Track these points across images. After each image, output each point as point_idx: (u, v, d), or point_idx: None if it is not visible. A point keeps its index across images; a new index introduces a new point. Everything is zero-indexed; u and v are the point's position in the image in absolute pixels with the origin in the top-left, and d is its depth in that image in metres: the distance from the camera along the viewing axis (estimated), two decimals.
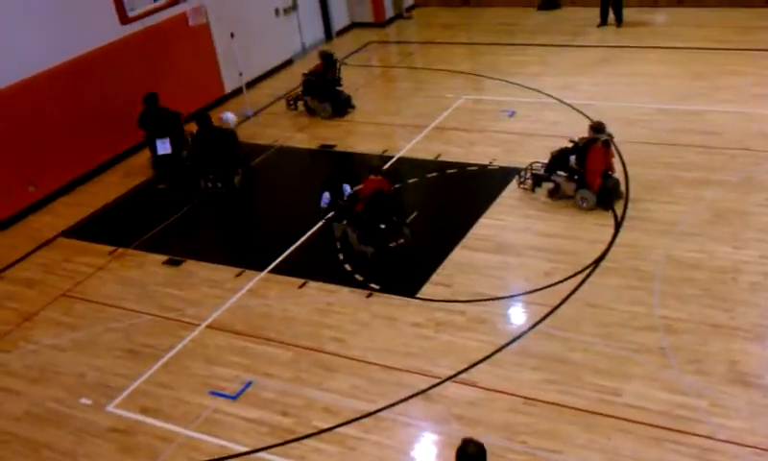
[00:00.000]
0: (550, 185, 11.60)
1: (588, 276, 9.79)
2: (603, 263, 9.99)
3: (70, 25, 13.75)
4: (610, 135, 11.21)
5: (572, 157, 11.25)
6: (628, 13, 18.86)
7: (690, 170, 11.81)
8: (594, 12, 19.44)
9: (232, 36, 16.37)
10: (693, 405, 7.63)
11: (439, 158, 13.34)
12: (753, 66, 15.34)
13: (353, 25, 21.73)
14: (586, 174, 11.05)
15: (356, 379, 8.64)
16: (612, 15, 18.75)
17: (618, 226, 10.70)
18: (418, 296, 9.90)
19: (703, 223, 10.51)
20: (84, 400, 8.92)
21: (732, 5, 18.46)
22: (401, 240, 10.92)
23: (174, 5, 13.93)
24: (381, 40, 20.65)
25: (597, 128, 11.14)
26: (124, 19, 12.95)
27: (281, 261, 11.08)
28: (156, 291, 10.81)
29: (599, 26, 18.87)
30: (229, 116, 14.00)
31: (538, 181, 11.77)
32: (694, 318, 8.79)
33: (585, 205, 11.10)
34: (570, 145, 11.43)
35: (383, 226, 10.74)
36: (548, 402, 7.94)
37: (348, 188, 11.44)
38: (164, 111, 13.76)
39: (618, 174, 11.88)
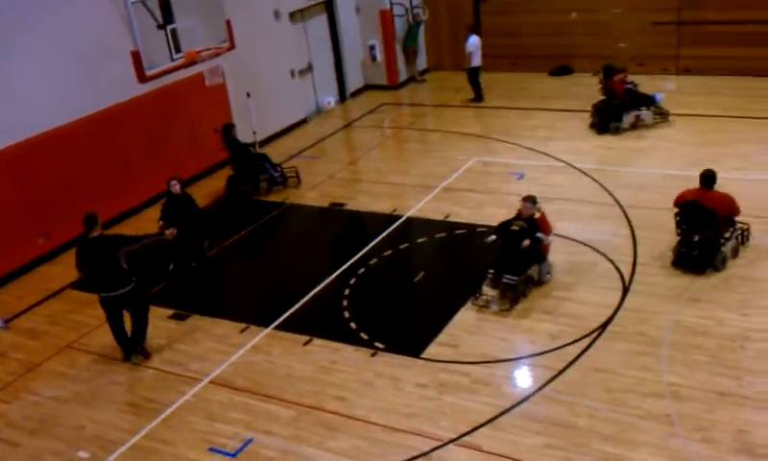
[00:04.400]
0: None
1: (595, 340, 9.70)
2: (610, 327, 9.90)
3: (87, 82, 14.02)
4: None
5: (540, 235, 10.71)
6: (640, 80, 19.06)
7: None
8: None
9: (248, 95, 16.64)
10: None
11: (448, 219, 13.38)
12: (762, 134, 15.38)
13: (367, 87, 22.04)
14: (546, 245, 10.91)
15: (358, 440, 8.53)
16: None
17: (626, 290, 10.63)
18: (423, 356, 9.83)
19: (710, 289, 10.42)
20: (81, 454, 8.84)
21: (740, 73, 18.60)
22: None
23: (191, 65, 14.15)
24: (394, 102, 20.90)
25: (533, 199, 10.88)
26: (142, 78, 13.17)
27: (287, 318, 11.06)
28: (161, 345, 10.77)
29: (473, 101, 19.80)
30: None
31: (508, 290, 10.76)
32: (701, 385, 8.65)
33: (549, 277, 11.03)
34: (493, 238, 10.96)
35: None
36: None
37: None
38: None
39: (627, 239, 11.88)
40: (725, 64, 18.81)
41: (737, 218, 11.01)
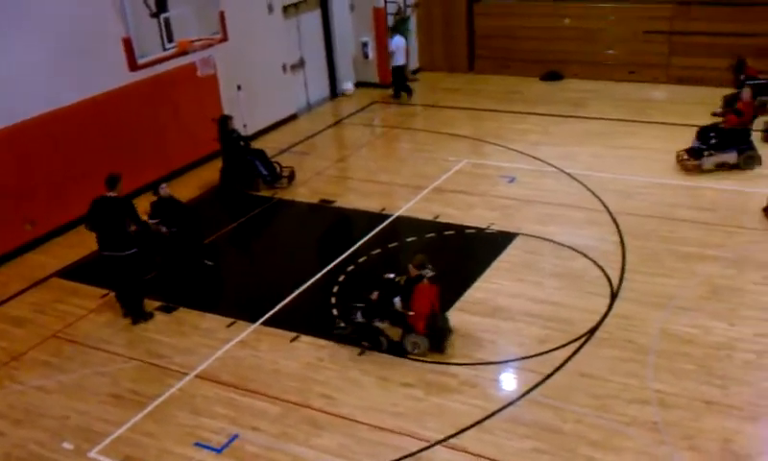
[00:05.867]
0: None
1: (583, 345, 9.73)
2: (597, 333, 9.93)
3: (77, 68, 13.88)
4: (433, 270, 9.90)
5: (397, 300, 9.77)
6: (630, 89, 19.22)
7: (686, 245, 11.83)
8: (596, 85, 19.87)
9: (239, 88, 16.56)
10: None
11: (437, 219, 13.38)
12: None
13: (358, 84, 21.98)
14: (410, 316, 9.74)
15: (343, 438, 8.51)
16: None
17: (614, 296, 10.67)
18: (409, 356, 9.81)
19: (698, 298, 10.48)
20: (66, 445, 8.76)
21: (733, 85, 18.69)
22: None
23: (184, 54, 14.05)
24: (385, 101, 20.87)
25: (421, 264, 9.80)
26: (133, 66, 13.06)
27: (274, 314, 11.01)
28: (147, 337, 10.71)
29: (392, 97, 20.77)
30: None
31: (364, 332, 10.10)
32: (688, 393, 8.70)
33: (417, 351, 9.80)
34: (392, 277, 10.17)
35: None
36: None
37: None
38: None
39: (616, 245, 11.92)
40: (716, 76, 18.88)
41: None
